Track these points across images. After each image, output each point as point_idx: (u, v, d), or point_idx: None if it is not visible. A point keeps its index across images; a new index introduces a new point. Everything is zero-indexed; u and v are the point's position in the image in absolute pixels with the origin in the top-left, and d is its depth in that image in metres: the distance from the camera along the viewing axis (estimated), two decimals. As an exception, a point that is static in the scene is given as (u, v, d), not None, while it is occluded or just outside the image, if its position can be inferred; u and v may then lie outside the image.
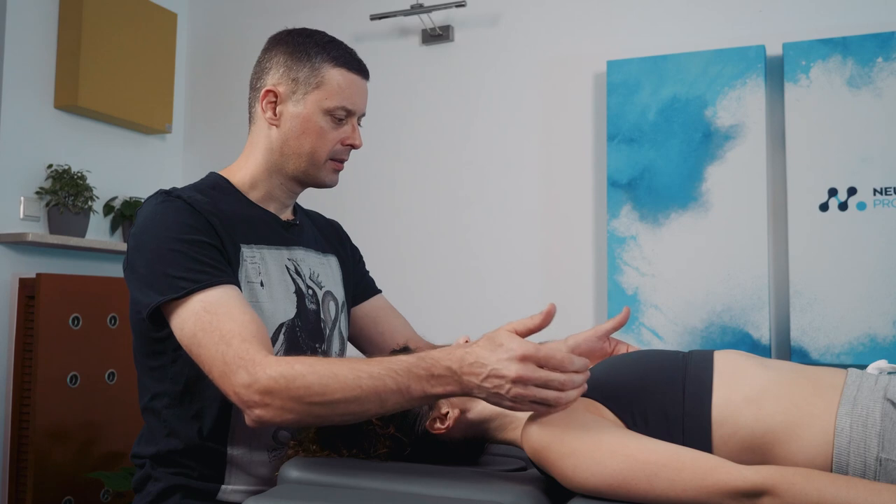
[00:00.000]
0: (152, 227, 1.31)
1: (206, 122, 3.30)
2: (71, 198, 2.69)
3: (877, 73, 2.33)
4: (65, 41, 2.77)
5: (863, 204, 2.34)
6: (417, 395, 1.12)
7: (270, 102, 1.42)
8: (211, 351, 1.19)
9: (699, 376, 1.13)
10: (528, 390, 1.06)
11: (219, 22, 3.32)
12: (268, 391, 1.13)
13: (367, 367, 1.13)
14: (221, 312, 1.22)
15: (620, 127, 2.60)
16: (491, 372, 1.07)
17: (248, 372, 1.15)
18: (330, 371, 1.14)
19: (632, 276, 2.56)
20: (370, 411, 1.14)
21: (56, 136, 2.78)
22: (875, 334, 2.29)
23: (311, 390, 1.12)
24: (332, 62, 1.41)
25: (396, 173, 2.93)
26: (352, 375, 1.13)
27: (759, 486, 0.96)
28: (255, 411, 1.15)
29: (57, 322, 2.55)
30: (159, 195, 1.36)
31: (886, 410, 1.00)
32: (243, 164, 1.47)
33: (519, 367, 1.06)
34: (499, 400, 1.09)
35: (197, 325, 1.21)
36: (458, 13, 2.89)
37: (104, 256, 2.90)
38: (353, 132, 1.45)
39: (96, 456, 2.63)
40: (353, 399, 1.12)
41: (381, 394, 1.11)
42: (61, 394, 2.54)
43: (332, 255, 1.59)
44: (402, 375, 1.11)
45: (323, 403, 1.12)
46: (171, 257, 1.26)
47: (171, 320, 1.26)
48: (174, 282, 1.24)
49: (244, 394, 1.15)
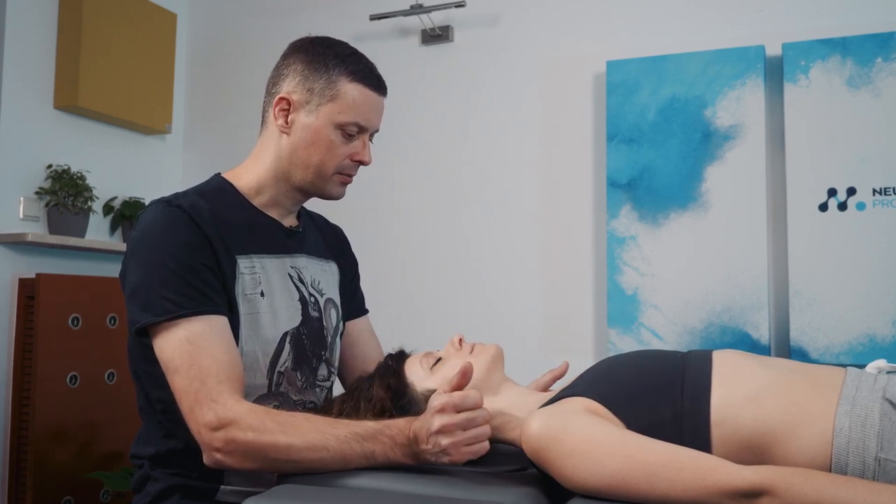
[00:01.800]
0: (149, 239, 1.30)
1: (206, 122, 3.30)
2: (70, 198, 2.69)
3: (876, 74, 2.33)
4: (64, 41, 2.77)
5: (862, 204, 2.34)
6: (381, 461, 1.17)
7: (283, 110, 1.40)
8: (185, 383, 1.21)
9: (697, 376, 1.13)
10: (455, 436, 1.12)
11: (218, 22, 3.32)
12: (232, 440, 1.17)
13: (334, 431, 1.17)
14: (203, 346, 1.23)
15: (620, 127, 2.60)
16: (425, 434, 1.13)
17: (216, 416, 1.18)
18: (298, 431, 1.17)
19: (631, 277, 2.56)
20: (330, 468, 1.18)
21: (56, 136, 2.78)
22: (874, 334, 2.29)
23: (277, 447, 1.17)
24: (349, 76, 1.39)
25: (396, 174, 2.93)
26: (319, 437, 1.17)
27: (758, 485, 0.97)
28: (215, 455, 1.19)
29: (56, 322, 2.55)
30: (161, 204, 1.35)
31: (885, 410, 1.00)
32: (250, 168, 1.45)
33: (438, 418, 1.12)
34: (441, 458, 1.14)
35: (176, 353, 1.23)
36: (457, 13, 2.89)
37: (104, 256, 2.90)
38: (363, 149, 1.42)
39: (96, 456, 2.63)
40: (317, 459, 1.17)
41: (346, 456, 1.17)
42: (61, 394, 2.54)
43: (332, 262, 1.58)
44: (367, 441, 1.17)
45: (286, 461, 1.17)
46: (163, 275, 1.26)
47: (153, 339, 1.27)
48: (162, 303, 1.25)
49: (207, 436, 1.18)
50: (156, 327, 1.25)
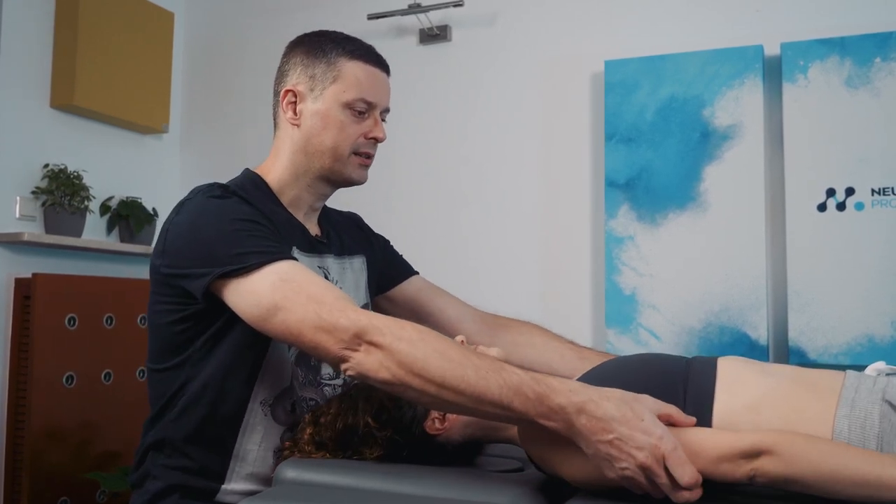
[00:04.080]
0: (211, 216, 1.28)
1: (204, 121, 3.29)
2: (67, 197, 2.68)
3: (875, 73, 2.33)
4: (61, 40, 2.76)
5: (861, 204, 2.33)
6: (517, 415, 1.05)
7: (290, 102, 1.42)
8: (300, 312, 1.15)
9: (701, 382, 1.13)
10: (641, 478, 1.00)
11: (216, 21, 3.31)
12: (375, 337, 1.10)
13: (478, 361, 1.08)
14: (301, 279, 1.19)
15: (618, 127, 2.59)
16: (619, 442, 0.99)
17: (350, 319, 1.12)
18: (439, 345, 1.10)
19: (630, 277, 2.55)
20: (461, 406, 1.08)
21: (52, 135, 2.77)
22: (873, 335, 2.29)
23: (413, 356, 1.08)
24: (347, 55, 1.41)
25: (394, 173, 2.92)
26: (460, 360, 1.08)
27: (758, 445, 0.97)
28: (355, 356, 1.11)
29: (53, 322, 2.54)
30: (214, 188, 1.34)
31: (885, 412, 1.00)
32: (272, 167, 1.46)
33: (651, 457, 0.98)
34: (604, 464, 1.02)
35: (276, 294, 1.17)
36: (455, 13, 2.88)
37: (100, 256, 2.89)
38: (375, 125, 1.43)
39: (92, 456, 2.62)
40: (451, 386, 1.06)
41: (481, 395, 1.05)
42: (57, 394, 2.53)
43: (357, 257, 1.57)
44: (510, 389, 1.05)
45: (419, 375, 1.07)
46: (235, 239, 1.23)
47: (234, 297, 1.21)
48: (240, 258, 1.21)
49: (347, 339, 1.11)
50: (238, 282, 1.20)
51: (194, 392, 1.31)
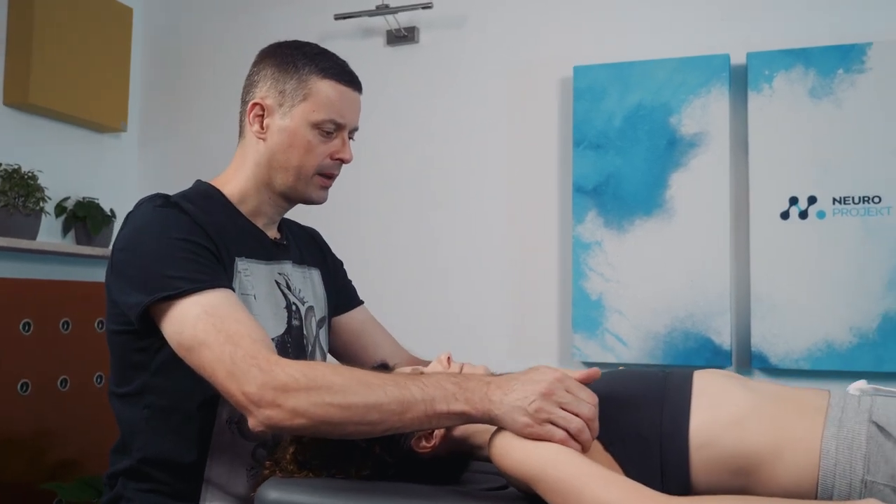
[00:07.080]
0: (150, 230, 1.26)
1: (163, 119, 3.21)
2: (21, 199, 2.59)
3: (838, 84, 2.37)
4: (15, 35, 2.67)
5: (822, 212, 2.38)
6: (440, 411, 1.08)
7: (258, 115, 1.39)
8: (216, 352, 1.13)
9: (677, 398, 1.13)
10: (552, 408, 1.05)
11: (176, 17, 3.23)
12: (284, 388, 1.08)
13: (392, 376, 1.11)
14: (225, 315, 1.17)
15: (586, 133, 2.60)
16: (520, 387, 1.07)
17: (261, 370, 1.10)
18: (353, 374, 1.10)
19: (596, 282, 2.57)
20: (387, 423, 1.08)
21: (6, 134, 2.67)
22: (832, 340, 2.34)
23: (333, 389, 1.07)
24: (320, 73, 1.38)
25: (360, 176, 2.88)
26: (376, 380, 1.09)
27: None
28: (265, 412, 1.09)
29: (7, 327, 2.46)
30: (157, 198, 1.32)
31: (872, 433, 1.02)
32: (232, 177, 1.43)
33: (551, 383, 1.06)
34: (516, 416, 1.05)
35: (198, 327, 1.15)
36: (423, 14, 2.86)
37: (56, 259, 2.81)
38: (342, 146, 1.42)
39: (50, 466, 2.54)
40: (374, 405, 1.07)
41: (405, 403, 1.07)
42: (12, 402, 2.46)
43: (314, 269, 1.56)
44: (429, 387, 1.08)
45: (342, 406, 1.07)
46: (170, 260, 1.21)
47: (163, 323, 1.20)
48: (171, 282, 1.19)
49: (255, 393, 1.09)
50: (165, 308, 1.18)
51: (158, 419, 1.29)
